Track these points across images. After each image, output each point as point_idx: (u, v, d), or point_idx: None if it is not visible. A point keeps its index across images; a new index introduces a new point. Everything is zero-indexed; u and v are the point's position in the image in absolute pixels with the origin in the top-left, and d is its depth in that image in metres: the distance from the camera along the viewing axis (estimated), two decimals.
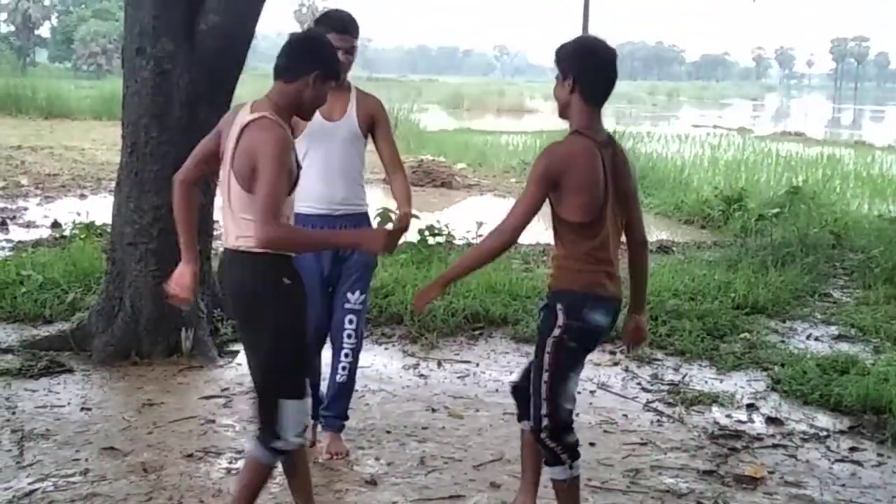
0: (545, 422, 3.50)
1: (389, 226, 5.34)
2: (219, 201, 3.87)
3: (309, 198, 4.27)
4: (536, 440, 3.59)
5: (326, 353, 4.63)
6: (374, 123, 4.51)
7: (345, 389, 4.59)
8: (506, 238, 3.45)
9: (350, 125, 4.43)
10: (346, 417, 4.67)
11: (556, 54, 3.53)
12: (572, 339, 3.47)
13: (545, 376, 3.48)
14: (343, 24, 4.38)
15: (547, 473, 3.66)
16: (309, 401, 3.47)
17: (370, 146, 4.58)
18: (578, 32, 25.04)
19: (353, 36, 4.41)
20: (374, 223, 5.07)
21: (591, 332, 3.52)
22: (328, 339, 4.60)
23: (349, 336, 4.49)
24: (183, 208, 3.55)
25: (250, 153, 3.24)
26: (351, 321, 4.48)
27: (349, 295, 4.47)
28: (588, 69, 3.47)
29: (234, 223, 3.34)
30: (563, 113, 3.55)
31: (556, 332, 3.46)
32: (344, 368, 4.53)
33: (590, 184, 3.42)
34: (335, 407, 4.61)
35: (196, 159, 3.52)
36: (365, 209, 4.55)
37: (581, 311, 3.45)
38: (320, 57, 3.41)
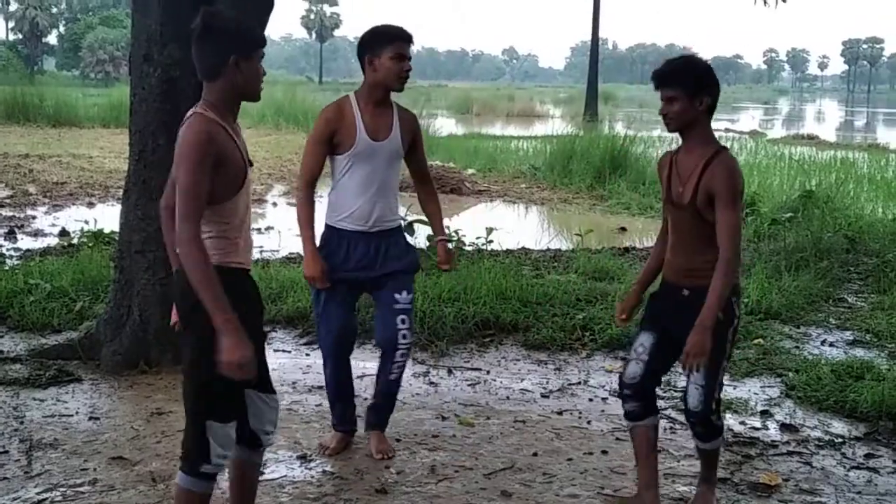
0: (714, 404, 3.83)
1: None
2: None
3: (346, 214, 4.44)
4: (702, 422, 3.85)
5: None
6: (413, 140, 4.59)
7: (395, 387, 4.68)
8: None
9: (395, 145, 4.47)
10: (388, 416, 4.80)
11: (684, 72, 3.72)
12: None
13: (725, 364, 3.84)
14: (407, 33, 4.42)
15: (706, 446, 3.97)
16: (234, 427, 3.25)
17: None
18: (588, 36, 25.05)
19: (412, 43, 4.46)
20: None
21: None
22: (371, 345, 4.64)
23: (404, 336, 4.53)
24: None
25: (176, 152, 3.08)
26: (403, 321, 4.52)
27: (397, 295, 4.51)
28: (717, 88, 3.76)
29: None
30: (684, 128, 3.78)
31: (735, 322, 3.80)
32: (398, 367, 4.60)
33: None
34: (384, 406, 4.72)
35: (171, 183, 3.32)
36: (398, 223, 4.64)
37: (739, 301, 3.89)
38: (229, 38, 3.12)
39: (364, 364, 6.12)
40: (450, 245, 4.82)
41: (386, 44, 4.34)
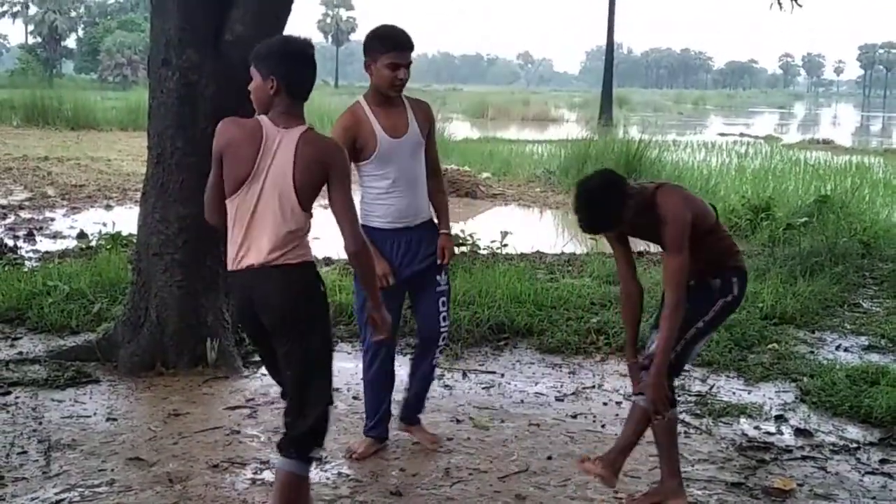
0: (673, 355, 4.03)
1: None
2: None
3: (384, 214, 4.46)
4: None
5: None
6: (429, 130, 4.61)
7: (432, 374, 4.78)
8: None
9: (415, 137, 4.50)
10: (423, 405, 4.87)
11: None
12: (733, 307, 4.22)
13: (700, 323, 4.08)
14: (402, 40, 4.40)
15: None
16: None
17: None
18: (603, 41, 25.03)
19: (411, 51, 4.45)
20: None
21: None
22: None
23: (444, 319, 4.61)
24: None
25: (320, 167, 3.41)
26: (444, 303, 4.60)
27: (438, 277, 4.52)
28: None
29: (275, 238, 3.40)
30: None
31: (729, 297, 4.13)
32: (440, 351, 4.69)
33: None
34: (422, 396, 4.76)
35: (218, 197, 3.54)
36: (431, 215, 4.65)
37: (745, 286, 4.24)
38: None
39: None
40: (451, 240, 4.72)
41: (382, 52, 4.35)
